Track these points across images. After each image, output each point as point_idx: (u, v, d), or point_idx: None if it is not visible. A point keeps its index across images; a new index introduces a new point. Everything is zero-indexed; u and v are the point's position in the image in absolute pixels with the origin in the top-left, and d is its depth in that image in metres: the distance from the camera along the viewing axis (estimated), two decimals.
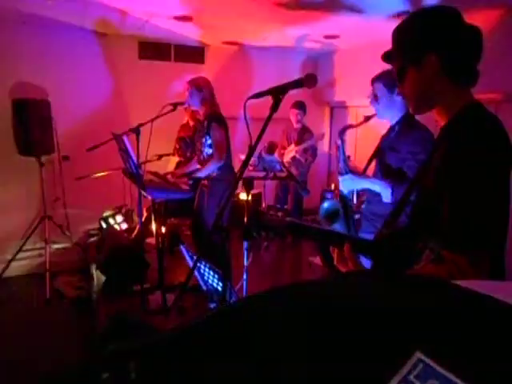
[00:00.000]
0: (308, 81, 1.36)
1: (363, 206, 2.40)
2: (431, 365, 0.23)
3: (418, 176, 1.33)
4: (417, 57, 1.11)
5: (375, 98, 2.22)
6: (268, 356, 0.30)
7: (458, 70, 1.10)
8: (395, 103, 2.18)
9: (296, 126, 4.74)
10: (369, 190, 2.24)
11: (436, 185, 1.10)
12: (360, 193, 2.49)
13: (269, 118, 1.41)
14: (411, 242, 1.14)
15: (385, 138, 2.30)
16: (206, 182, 3.21)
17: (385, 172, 2.21)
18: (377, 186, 2.13)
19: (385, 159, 2.22)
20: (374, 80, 2.22)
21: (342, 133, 2.47)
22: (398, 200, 1.40)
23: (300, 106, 4.61)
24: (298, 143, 4.66)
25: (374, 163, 2.33)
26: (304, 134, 4.71)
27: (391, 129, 2.26)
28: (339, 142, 2.43)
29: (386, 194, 2.06)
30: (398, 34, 1.17)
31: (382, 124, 2.38)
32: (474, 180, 0.99)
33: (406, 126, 2.17)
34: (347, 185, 2.22)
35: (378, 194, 2.12)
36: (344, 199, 2.19)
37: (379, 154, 2.28)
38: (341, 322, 0.29)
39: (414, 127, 2.13)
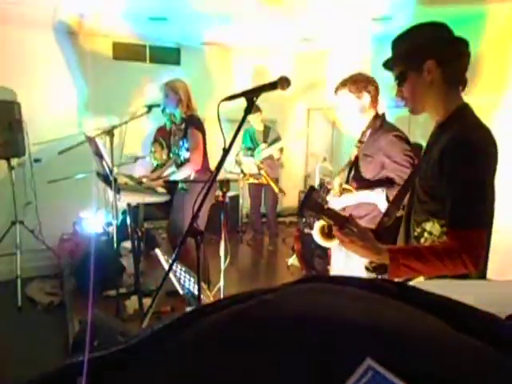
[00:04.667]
0: (281, 83, 1.36)
1: None
2: (381, 372, 0.23)
3: (416, 167, 1.47)
4: (417, 63, 1.25)
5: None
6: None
7: (453, 75, 1.25)
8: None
9: (258, 128, 4.70)
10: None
11: (436, 173, 1.21)
12: None
13: (243, 121, 1.42)
14: (409, 227, 1.32)
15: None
16: (184, 185, 3.17)
17: (360, 179, 2.17)
18: (371, 195, 2.04)
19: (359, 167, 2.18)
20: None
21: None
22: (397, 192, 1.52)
23: (255, 109, 4.52)
24: (266, 141, 4.63)
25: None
26: (269, 132, 4.68)
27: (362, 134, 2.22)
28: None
29: (382, 201, 2.00)
30: (399, 42, 1.32)
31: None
32: (476, 165, 1.15)
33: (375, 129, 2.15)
34: (340, 202, 2.14)
35: None
36: None
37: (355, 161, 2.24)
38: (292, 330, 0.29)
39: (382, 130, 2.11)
